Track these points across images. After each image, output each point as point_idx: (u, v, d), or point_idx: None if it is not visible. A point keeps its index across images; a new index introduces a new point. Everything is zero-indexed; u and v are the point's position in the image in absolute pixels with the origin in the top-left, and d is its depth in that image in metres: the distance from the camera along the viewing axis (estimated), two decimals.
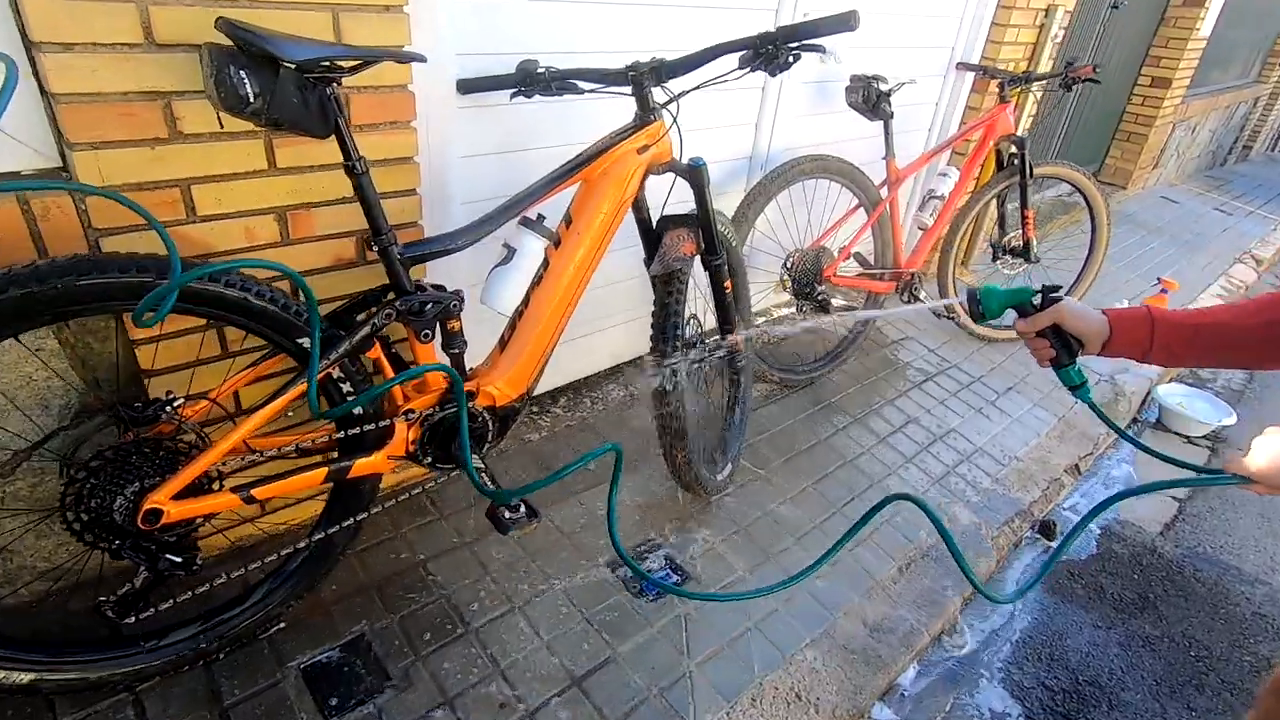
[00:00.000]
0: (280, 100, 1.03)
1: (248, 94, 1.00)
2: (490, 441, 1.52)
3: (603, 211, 1.47)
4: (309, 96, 1.07)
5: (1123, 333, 1.04)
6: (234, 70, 0.99)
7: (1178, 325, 1.02)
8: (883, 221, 2.59)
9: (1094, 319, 1.06)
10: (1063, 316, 1.06)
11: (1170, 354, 1.02)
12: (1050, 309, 1.07)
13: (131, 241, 1.19)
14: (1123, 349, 1.05)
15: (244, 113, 1.02)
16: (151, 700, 1.29)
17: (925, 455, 2.42)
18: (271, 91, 1.02)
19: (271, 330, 1.19)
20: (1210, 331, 1.00)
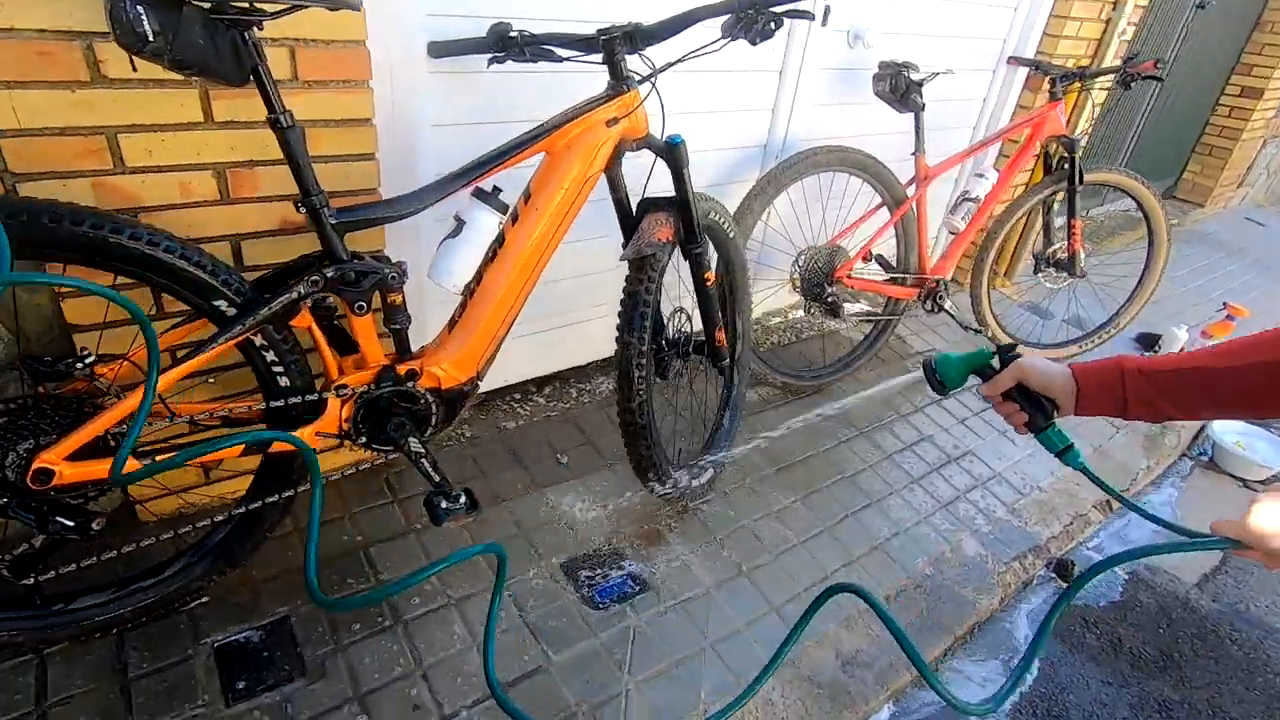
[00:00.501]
0: (184, 41, 0.96)
1: (145, 31, 0.93)
2: (435, 426, 1.43)
3: (564, 187, 1.36)
4: (219, 39, 0.99)
5: (1091, 387, 0.91)
6: (130, 4, 0.92)
7: (1152, 374, 0.88)
8: (907, 222, 2.40)
9: (1057, 374, 0.93)
10: (1024, 374, 0.95)
11: (1151, 407, 0.87)
12: (1009, 368, 0.95)
13: (52, 188, 1.14)
14: (1098, 404, 0.91)
15: (143, 52, 0.95)
16: (55, 665, 1.25)
17: (935, 477, 2.23)
18: (174, 30, 0.95)
19: (187, 291, 1.13)
20: (1192, 378, 0.85)
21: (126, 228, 1.04)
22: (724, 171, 2.25)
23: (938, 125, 2.64)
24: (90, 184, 1.17)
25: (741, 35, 1.27)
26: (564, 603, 1.56)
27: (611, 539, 1.75)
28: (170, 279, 1.10)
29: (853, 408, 2.44)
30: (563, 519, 1.77)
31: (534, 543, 1.69)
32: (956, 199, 2.48)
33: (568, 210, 1.39)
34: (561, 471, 1.92)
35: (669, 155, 1.47)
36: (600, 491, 1.87)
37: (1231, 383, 0.83)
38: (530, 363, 2.14)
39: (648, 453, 1.60)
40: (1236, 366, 0.82)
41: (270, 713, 1.24)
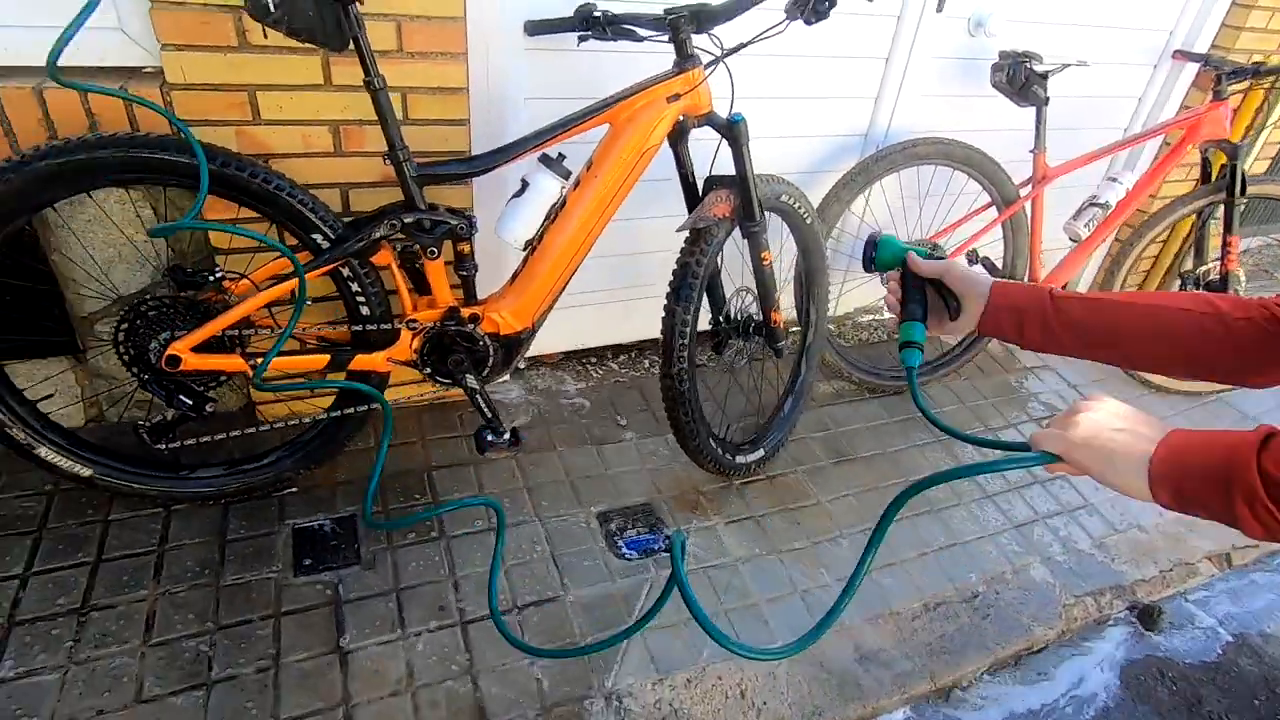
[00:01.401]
0: (296, 12, 1.16)
1: (268, 3, 1.14)
2: (492, 367, 1.59)
3: (623, 157, 1.46)
4: (325, 12, 1.18)
5: (1001, 299, 0.86)
6: None
7: (1065, 299, 0.83)
8: (1017, 225, 2.26)
9: (980, 279, 0.89)
10: (949, 269, 0.90)
11: (1044, 330, 0.83)
12: (941, 261, 0.91)
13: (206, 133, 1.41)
14: (1000, 320, 0.86)
15: (267, 20, 1.16)
16: (177, 519, 1.55)
17: (1013, 495, 2.10)
18: (291, 3, 1.15)
19: (294, 225, 1.35)
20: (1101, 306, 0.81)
21: (248, 167, 1.28)
22: (819, 159, 2.23)
23: (1071, 123, 2.43)
24: (234, 131, 1.43)
25: (798, 15, 1.29)
26: (591, 547, 1.67)
27: (651, 499, 1.84)
28: (281, 214, 1.33)
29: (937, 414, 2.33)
30: (608, 473, 1.89)
31: (578, 489, 1.82)
32: (1082, 204, 2.28)
33: (624, 180, 1.48)
34: (618, 431, 2.03)
35: (729, 132, 1.51)
36: (649, 455, 1.97)
37: (1142, 321, 0.78)
38: (607, 329, 2.26)
39: (686, 420, 1.67)
40: (1157, 305, 0.78)
41: (326, 587, 1.47)
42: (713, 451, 1.77)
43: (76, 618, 1.34)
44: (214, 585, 1.44)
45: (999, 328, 0.88)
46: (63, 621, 1.33)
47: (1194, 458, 0.65)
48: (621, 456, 1.95)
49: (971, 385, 2.51)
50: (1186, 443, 0.66)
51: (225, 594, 1.43)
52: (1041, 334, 0.84)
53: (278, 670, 1.31)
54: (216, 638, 1.35)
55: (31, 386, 1.55)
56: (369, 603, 1.46)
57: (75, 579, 1.40)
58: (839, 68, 2.06)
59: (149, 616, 1.36)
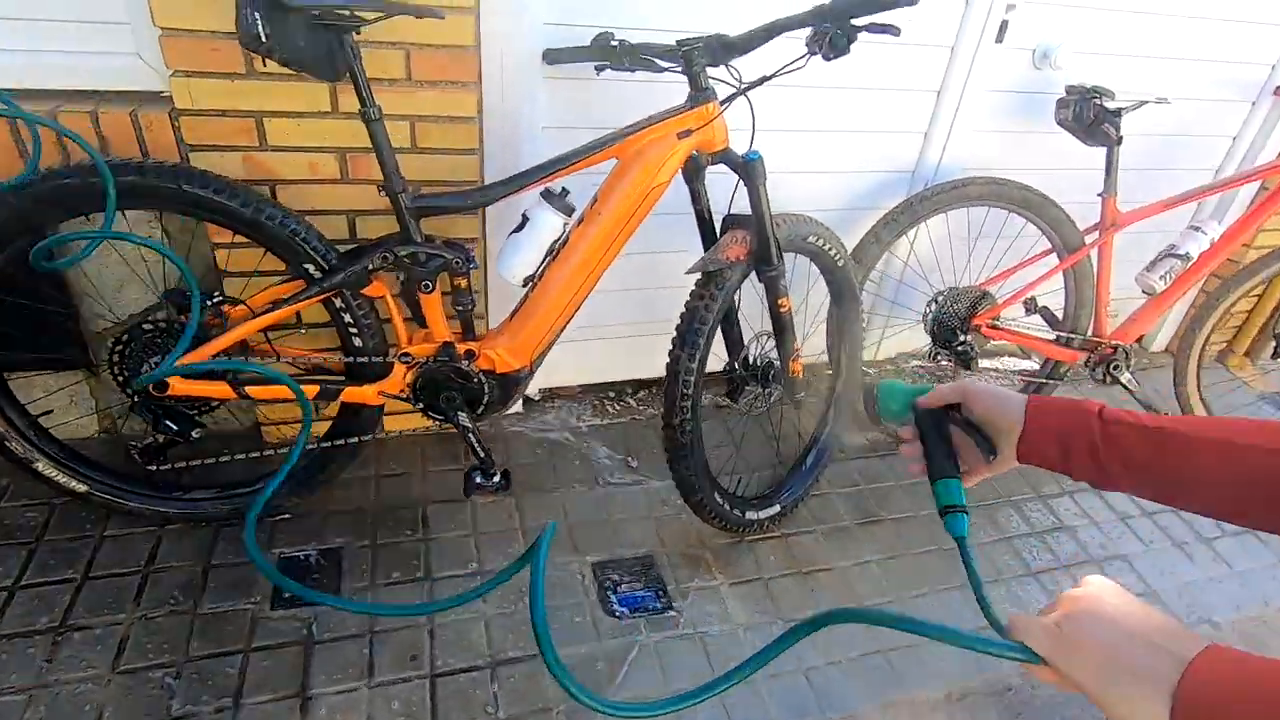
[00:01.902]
0: (288, 41, 1.13)
1: (259, 33, 1.12)
2: (486, 406, 1.53)
3: (628, 194, 1.38)
4: (318, 41, 1.15)
5: (1038, 424, 0.69)
6: (250, 11, 1.11)
7: (1116, 423, 0.66)
8: (1081, 274, 2.05)
9: (1010, 402, 0.72)
10: (969, 393, 0.74)
11: (1096, 462, 0.66)
12: (954, 384, 0.75)
13: (213, 159, 1.41)
14: (1040, 449, 0.70)
15: (259, 50, 1.14)
16: (167, 538, 1.55)
17: (1062, 576, 1.89)
18: (282, 33, 1.13)
19: (284, 253, 1.33)
20: (1167, 443, 0.63)
21: (242, 194, 1.26)
22: (862, 196, 2.09)
23: (1148, 164, 2.21)
24: (241, 157, 1.42)
25: (816, 51, 1.18)
26: (582, 600, 1.58)
27: (653, 551, 1.73)
28: (271, 241, 1.31)
29: None
30: (611, 519, 1.79)
31: (576, 535, 1.73)
32: (1158, 254, 2.06)
33: (629, 218, 1.40)
34: (627, 474, 1.94)
35: (744, 170, 1.41)
36: (657, 502, 1.86)
37: (1218, 465, 0.60)
38: (628, 364, 2.18)
39: (689, 474, 1.56)
40: (1234, 443, 0.60)
41: (301, 624, 1.43)
42: (718, 507, 1.65)
43: (53, 637, 1.34)
44: (191, 613, 1.42)
45: (1042, 455, 0.70)
46: (40, 640, 1.33)
47: (1250, 688, 0.46)
48: (627, 502, 1.85)
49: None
50: (1238, 671, 0.47)
51: (200, 623, 1.40)
52: (1092, 465, 0.67)
53: (236, 711, 1.27)
54: (184, 670, 1.32)
55: (45, 397, 1.58)
56: (341, 645, 1.41)
57: (60, 596, 1.41)
58: (885, 100, 1.93)
59: (122, 642, 1.35)
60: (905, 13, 1.12)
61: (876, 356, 2.45)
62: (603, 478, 1.91)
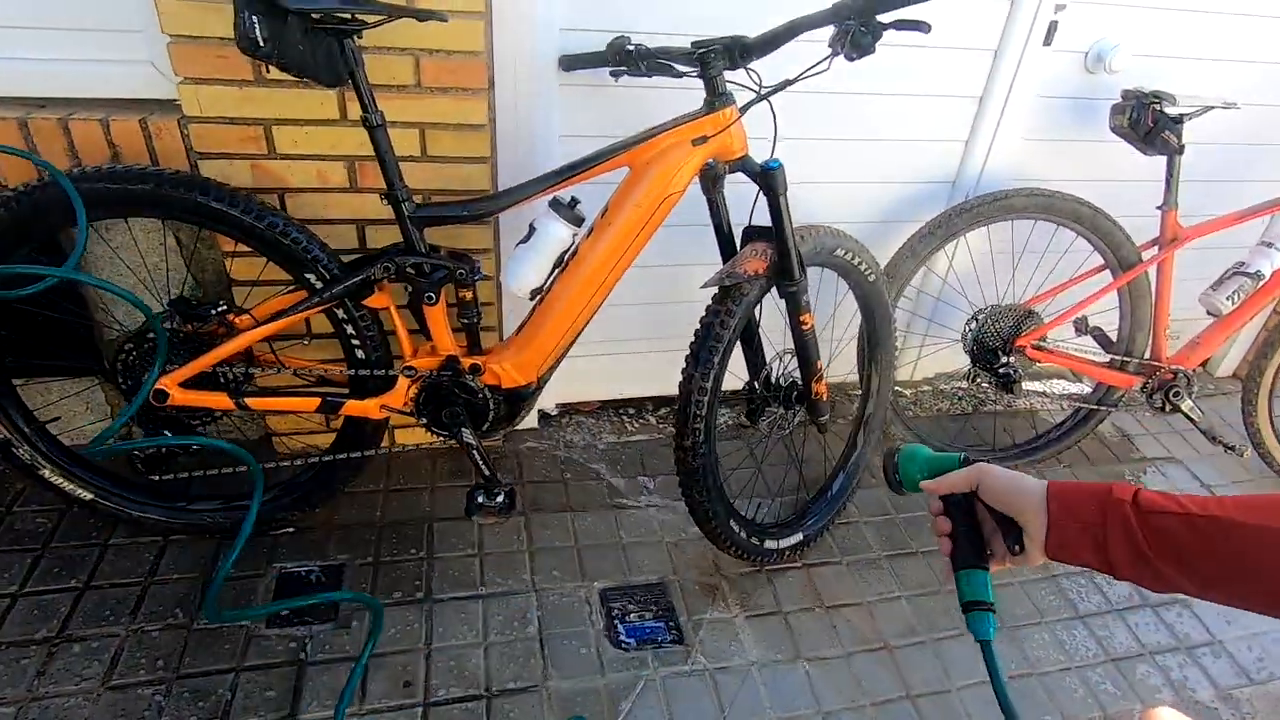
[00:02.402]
0: (287, 46, 1.10)
1: (257, 38, 1.09)
2: (492, 422, 1.47)
3: (639, 203, 1.31)
4: (316, 45, 1.12)
5: (1065, 515, 0.60)
6: (249, 15, 1.08)
7: (1153, 514, 0.56)
8: (1138, 291, 1.90)
9: (1030, 489, 0.63)
10: (986, 478, 0.66)
11: (1140, 561, 0.55)
12: (970, 468, 0.68)
13: (222, 167, 1.39)
14: (1072, 544, 0.60)
15: (257, 55, 1.11)
16: (171, 549, 1.53)
17: (1113, 620, 1.73)
18: (280, 38, 1.10)
19: (285, 263, 1.30)
20: (1210, 531, 0.54)
21: (242, 202, 1.24)
22: (898, 208, 1.99)
23: (1214, 175, 2.05)
24: (249, 165, 1.40)
25: (839, 50, 1.10)
26: (586, 629, 1.50)
27: (665, 578, 1.65)
28: (273, 251, 1.28)
29: None
30: (623, 543, 1.71)
31: (584, 560, 1.66)
32: (1225, 272, 1.90)
33: (641, 229, 1.33)
34: (642, 495, 1.86)
35: (764, 180, 1.33)
36: (671, 526, 1.78)
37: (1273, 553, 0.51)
38: (649, 380, 2.10)
39: (702, 499, 1.47)
40: None
41: (295, 643, 1.39)
42: (733, 534, 1.56)
43: (49, 648, 1.32)
44: (186, 628, 1.39)
45: (1075, 553, 0.62)
46: (36, 650, 1.32)
47: None
48: (640, 525, 1.77)
49: (1073, 475, 2.13)
50: None
51: (195, 638, 1.37)
52: (1134, 563, 0.58)
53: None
54: (173, 688, 1.29)
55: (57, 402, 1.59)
56: (334, 667, 1.36)
57: (60, 605, 1.40)
58: (923, 107, 1.83)
59: (116, 655, 1.33)
60: (936, 9, 1.03)
61: (912, 377, 2.33)
62: (617, 499, 1.84)
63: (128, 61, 1.37)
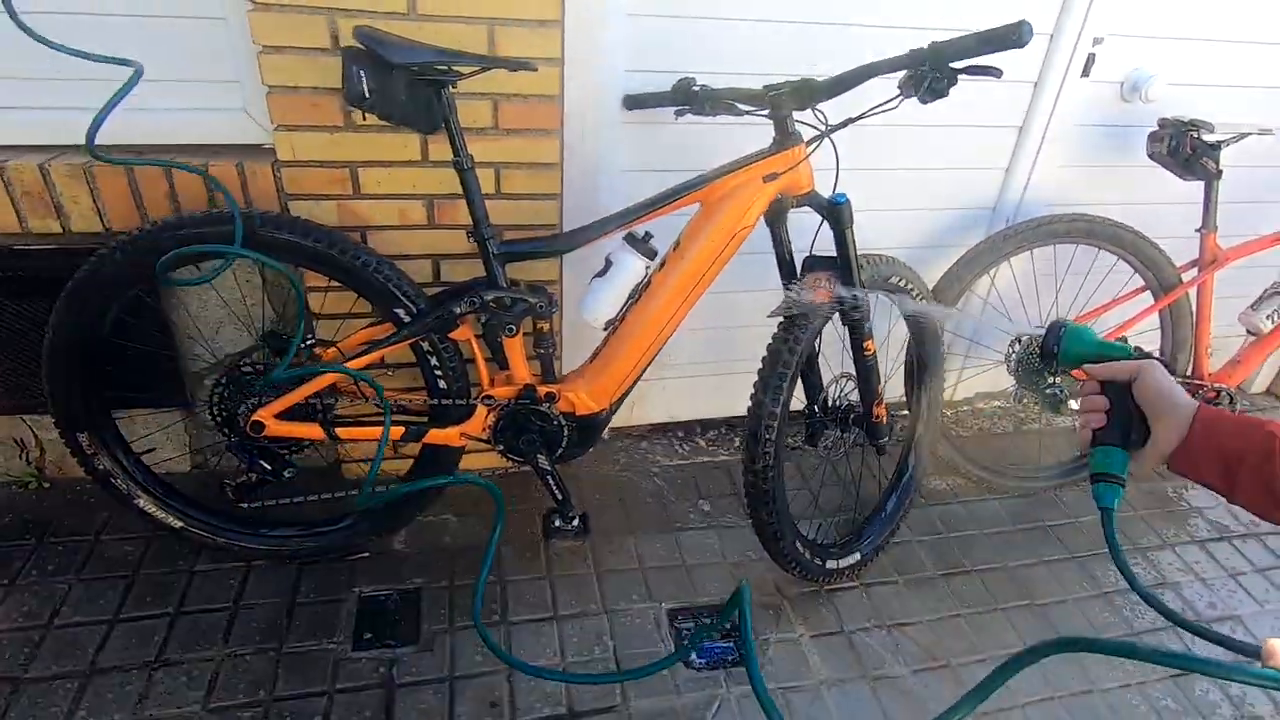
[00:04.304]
0: (390, 97, 1.17)
1: (362, 90, 1.16)
2: (566, 448, 1.52)
3: (712, 238, 1.37)
4: (416, 95, 1.19)
5: (1204, 435, 0.66)
6: (355, 70, 1.16)
7: None
8: (1178, 313, 1.95)
9: (1180, 401, 0.69)
10: (1144, 377, 0.71)
11: (1270, 490, 0.61)
12: (1137, 362, 0.73)
13: (309, 207, 1.46)
14: (1201, 462, 0.66)
15: (362, 106, 1.19)
16: (255, 574, 1.58)
17: (1167, 635, 1.76)
18: (385, 90, 1.17)
19: (376, 298, 1.36)
20: None
21: (338, 243, 1.30)
22: (939, 234, 2.04)
23: (1253, 197, 2.10)
24: (335, 205, 1.47)
25: (912, 93, 1.16)
26: (659, 650, 1.54)
27: (726, 594, 1.68)
28: (364, 287, 1.34)
29: (1070, 525, 2.03)
30: (685, 564, 1.75)
31: (650, 581, 1.70)
32: (1264, 291, 1.94)
33: (713, 263, 1.39)
34: (700, 517, 1.90)
35: (831, 214, 1.39)
36: (731, 546, 1.82)
37: None
38: (698, 403, 2.16)
39: (770, 522, 1.52)
40: None
41: (381, 665, 1.43)
42: (799, 556, 1.60)
43: (148, 672, 1.37)
44: (277, 651, 1.43)
45: (1199, 470, 0.68)
46: (137, 675, 1.36)
47: None
48: (701, 546, 1.81)
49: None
50: None
51: (286, 661, 1.42)
52: (1264, 494, 0.63)
53: None
54: (271, 710, 1.33)
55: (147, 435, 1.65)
56: (421, 689, 1.40)
57: (154, 631, 1.44)
58: (965, 137, 1.89)
59: (212, 679, 1.37)
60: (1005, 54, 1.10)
61: (953, 397, 2.37)
62: (675, 521, 1.88)
63: (224, 110, 1.45)
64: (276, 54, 1.31)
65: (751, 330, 2.03)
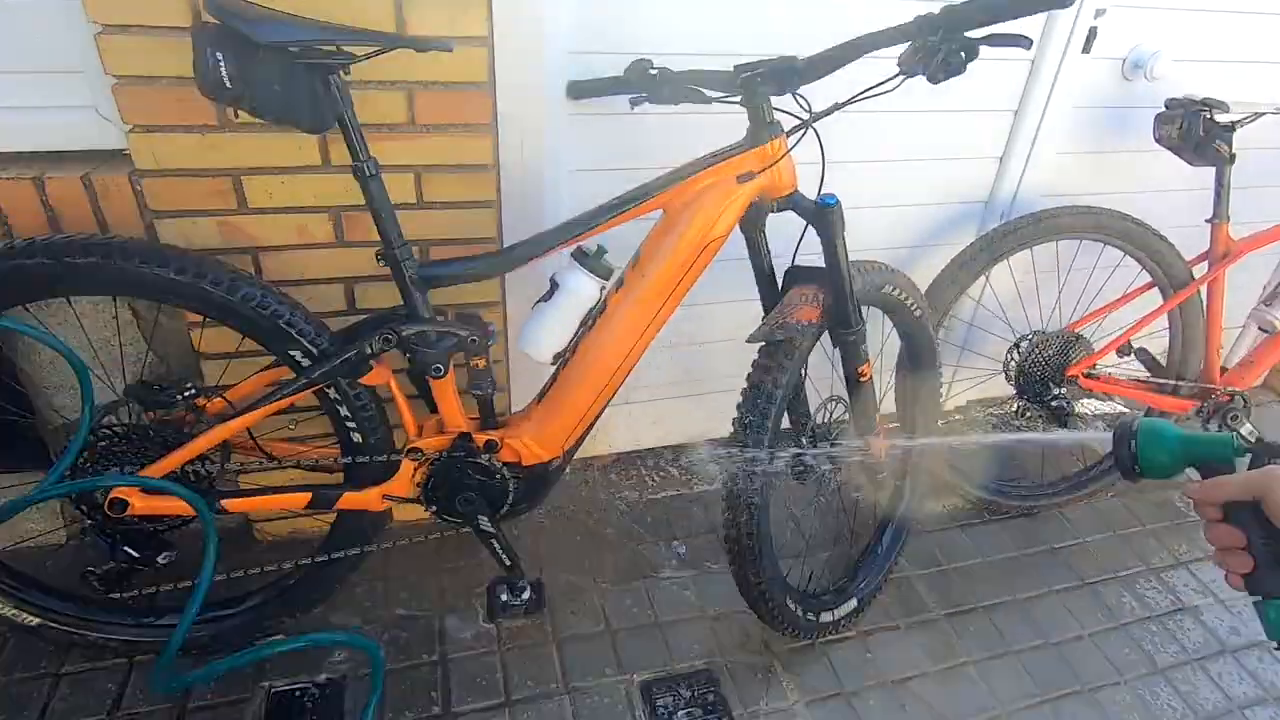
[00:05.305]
0: (259, 87, 0.91)
1: (222, 77, 0.90)
2: (512, 505, 1.28)
3: (678, 251, 1.14)
4: (295, 85, 0.93)
5: None
6: (211, 51, 0.89)
7: None
8: (1189, 311, 1.78)
9: None
10: (1273, 492, 0.53)
11: None
12: (1260, 471, 0.56)
13: (184, 227, 1.19)
14: None
15: (224, 99, 0.92)
16: (138, 673, 1.30)
17: (1194, 672, 1.59)
18: (253, 77, 0.91)
19: (263, 338, 1.10)
20: None
21: (209, 272, 1.03)
22: (928, 232, 1.84)
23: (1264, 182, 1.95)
24: (216, 223, 1.20)
25: (920, 71, 0.94)
26: None
27: (711, 662, 1.46)
28: (247, 325, 1.08)
29: (1078, 546, 1.86)
30: (659, 624, 1.53)
31: (619, 647, 1.47)
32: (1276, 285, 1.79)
33: (680, 279, 1.16)
34: (674, 563, 1.67)
35: (818, 218, 1.17)
36: (711, 596, 1.59)
37: None
38: (668, 428, 1.93)
39: (757, 582, 1.30)
40: None
41: None
42: (790, 614, 1.38)
43: None
44: None
45: None
46: None
47: None
48: (676, 599, 1.59)
49: (1124, 506, 2.00)
50: None
51: None
52: None
53: None
54: None
55: None
56: None
57: None
58: (954, 124, 1.69)
59: None
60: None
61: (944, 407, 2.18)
62: (646, 570, 1.65)
63: (67, 107, 1.17)
64: (121, 34, 1.04)
65: (724, 345, 1.82)
